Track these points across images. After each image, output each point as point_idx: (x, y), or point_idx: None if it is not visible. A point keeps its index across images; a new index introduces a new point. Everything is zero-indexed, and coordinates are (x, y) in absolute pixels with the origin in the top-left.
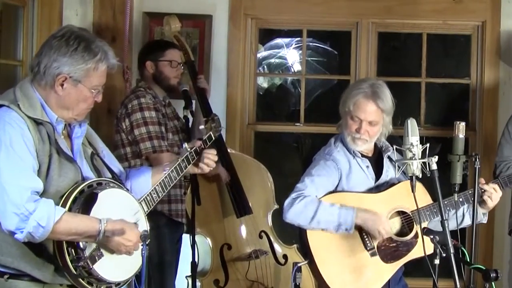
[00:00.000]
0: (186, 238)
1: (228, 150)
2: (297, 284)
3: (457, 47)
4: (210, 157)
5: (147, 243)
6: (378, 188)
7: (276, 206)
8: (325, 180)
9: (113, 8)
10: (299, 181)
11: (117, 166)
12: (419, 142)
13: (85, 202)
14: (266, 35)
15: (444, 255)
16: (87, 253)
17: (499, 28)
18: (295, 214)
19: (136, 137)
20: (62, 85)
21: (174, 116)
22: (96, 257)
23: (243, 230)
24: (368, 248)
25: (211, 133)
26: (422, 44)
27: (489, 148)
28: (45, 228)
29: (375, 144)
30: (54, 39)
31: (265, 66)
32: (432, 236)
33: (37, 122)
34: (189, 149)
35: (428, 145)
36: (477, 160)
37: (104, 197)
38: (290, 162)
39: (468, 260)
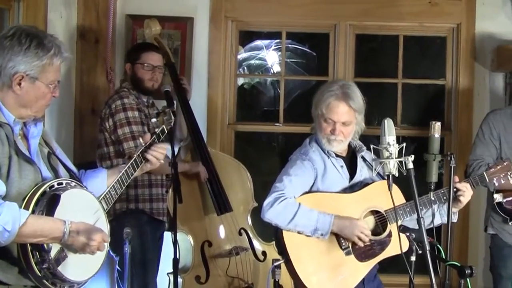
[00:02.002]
0: (167, 235)
1: (209, 150)
2: (276, 280)
3: (433, 48)
4: (158, 150)
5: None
6: (352, 188)
7: (255, 204)
8: (303, 180)
9: (96, 11)
10: (277, 180)
11: (71, 167)
12: (395, 141)
13: (48, 204)
14: (246, 37)
15: (420, 252)
16: (52, 255)
17: (474, 30)
18: (274, 214)
19: (120, 136)
20: (19, 84)
21: None
22: (61, 259)
23: (223, 228)
24: (342, 247)
25: (163, 126)
26: (398, 45)
27: (464, 147)
28: (11, 232)
29: (349, 144)
30: (5, 40)
31: (245, 67)
32: (408, 234)
33: None
34: (143, 144)
35: (404, 144)
36: (453, 159)
37: (66, 198)
38: (270, 161)
39: (444, 257)
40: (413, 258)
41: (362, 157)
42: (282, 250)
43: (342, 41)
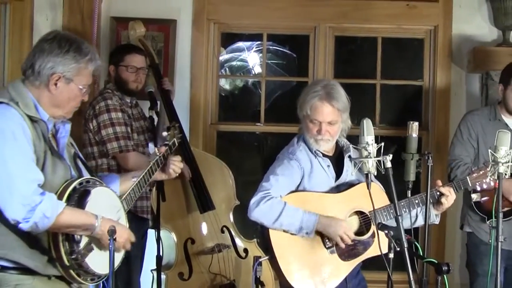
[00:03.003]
0: (151, 233)
1: (191, 149)
2: (258, 276)
3: (410, 50)
4: (176, 164)
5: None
6: (338, 188)
7: (237, 202)
8: (289, 180)
9: (81, 13)
10: (264, 180)
11: (91, 169)
12: (374, 141)
13: (79, 198)
14: (228, 39)
15: (398, 249)
16: (81, 246)
17: (450, 32)
18: (260, 213)
19: (103, 137)
20: (56, 84)
21: (141, 117)
22: (88, 251)
23: (206, 225)
24: (326, 246)
25: (175, 139)
26: (377, 47)
27: (441, 146)
28: (49, 219)
29: (336, 144)
30: (45, 43)
31: (227, 69)
32: (386, 231)
33: (33, 120)
34: (158, 154)
35: (382, 144)
36: (430, 158)
37: (95, 194)
38: (251, 160)
39: (421, 254)
40: (391, 255)
41: (349, 157)
42: (267, 247)
43: (322, 43)
